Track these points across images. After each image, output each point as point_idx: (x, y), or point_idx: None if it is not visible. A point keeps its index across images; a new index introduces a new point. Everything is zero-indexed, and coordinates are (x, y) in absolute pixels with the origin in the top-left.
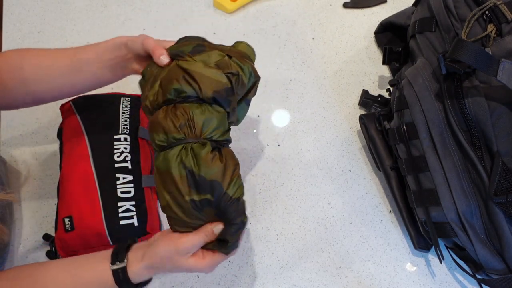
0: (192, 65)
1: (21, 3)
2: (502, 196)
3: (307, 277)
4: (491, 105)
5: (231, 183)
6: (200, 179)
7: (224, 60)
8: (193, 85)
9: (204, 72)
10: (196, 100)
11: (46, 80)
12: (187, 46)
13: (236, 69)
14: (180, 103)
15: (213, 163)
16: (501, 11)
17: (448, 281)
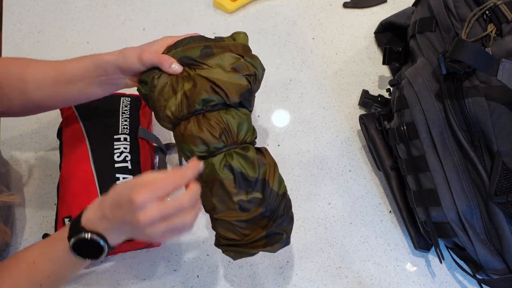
0: (213, 73)
1: (21, 3)
2: (502, 196)
3: (307, 277)
4: (491, 105)
5: (275, 180)
6: (251, 179)
7: (240, 63)
8: (221, 93)
9: (227, 78)
10: (222, 107)
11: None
12: (194, 50)
13: (253, 70)
14: (209, 112)
15: (261, 162)
16: (501, 11)
17: (448, 281)
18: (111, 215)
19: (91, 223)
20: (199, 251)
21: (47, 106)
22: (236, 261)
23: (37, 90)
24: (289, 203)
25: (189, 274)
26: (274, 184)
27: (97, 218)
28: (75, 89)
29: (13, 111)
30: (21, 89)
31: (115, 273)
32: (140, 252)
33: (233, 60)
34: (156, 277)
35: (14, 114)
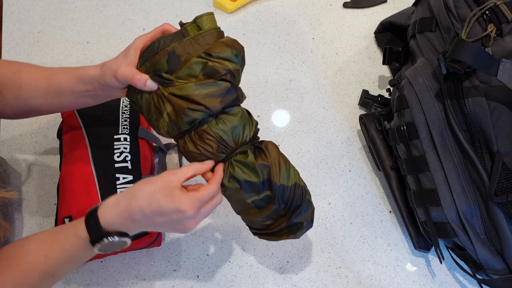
0: (186, 90)
1: (21, 3)
2: (502, 196)
3: (307, 277)
4: (491, 105)
5: (281, 175)
6: (257, 183)
7: (209, 67)
8: (201, 109)
9: (201, 91)
10: (210, 118)
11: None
12: (161, 62)
13: (225, 67)
14: (199, 127)
15: (263, 165)
16: (501, 11)
17: (448, 281)
18: (147, 221)
19: (113, 225)
20: (199, 251)
21: (42, 111)
22: (236, 261)
23: (31, 97)
24: (304, 189)
25: (189, 274)
26: (282, 179)
27: (122, 221)
28: (66, 100)
29: (9, 114)
30: (16, 94)
31: (115, 273)
32: (140, 252)
33: (201, 65)
34: (156, 277)
35: (9, 117)
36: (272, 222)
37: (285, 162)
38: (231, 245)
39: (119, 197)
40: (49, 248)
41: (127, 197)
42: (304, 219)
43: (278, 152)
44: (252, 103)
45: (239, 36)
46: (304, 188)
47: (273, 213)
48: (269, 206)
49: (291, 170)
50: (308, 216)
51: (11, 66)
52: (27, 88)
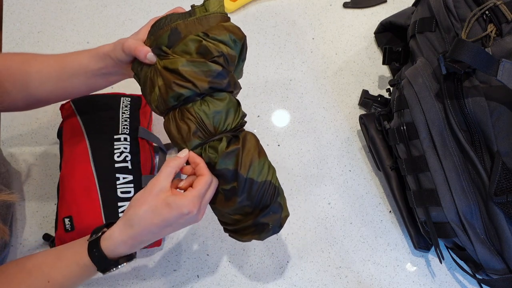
0: (177, 63)
1: (21, 3)
2: (502, 196)
3: (307, 277)
4: (491, 105)
5: (251, 167)
6: (222, 171)
7: (203, 46)
8: (188, 86)
9: (191, 67)
10: (195, 97)
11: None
12: (163, 36)
13: (219, 49)
14: (183, 105)
15: (230, 153)
16: (501, 11)
17: (448, 281)
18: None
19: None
20: (199, 251)
21: (51, 99)
22: (236, 261)
23: (41, 84)
24: (277, 190)
25: (189, 274)
26: (251, 173)
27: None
28: (78, 82)
29: (16, 106)
30: (24, 84)
31: (115, 273)
32: (140, 252)
33: (196, 44)
34: (156, 277)
35: (16, 109)
36: (240, 218)
37: (260, 157)
38: (231, 245)
39: (119, 228)
40: (51, 273)
41: (126, 225)
42: (270, 221)
43: (256, 144)
44: (252, 103)
45: None
46: (277, 189)
47: (239, 208)
48: (234, 198)
49: (265, 166)
50: (276, 219)
51: (18, 56)
52: (37, 76)
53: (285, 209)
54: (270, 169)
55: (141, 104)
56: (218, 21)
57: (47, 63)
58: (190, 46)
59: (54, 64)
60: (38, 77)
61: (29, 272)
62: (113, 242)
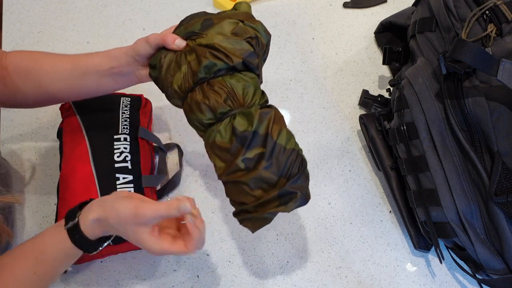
0: (212, 39)
1: (21, 3)
2: (502, 196)
3: (307, 277)
4: (491, 105)
5: (280, 134)
6: (251, 135)
7: (239, 27)
8: (222, 57)
9: (226, 43)
10: (226, 72)
11: (47, 83)
12: (195, 24)
13: (254, 32)
14: (213, 79)
15: (264, 115)
16: (501, 11)
17: (448, 281)
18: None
19: (91, 231)
20: (199, 251)
21: (62, 98)
22: (236, 261)
23: (53, 82)
24: (303, 161)
25: (189, 274)
26: (280, 138)
27: (95, 221)
28: (89, 81)
29: (27, 103)
30: (36, 82)
31: (115, 273)
32: (140, 252)
33: (232, 25)
34: (156, 277)
35: (28, 105)
36: (261, 194)
37: (286, 128)
38: (231, 245)
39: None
40: (36, 265)
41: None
42: (299, 190)
43: (281, 117)
44: None
45: None
46: (303, 159)
47: (262, 178)
48: (259, 165)
49: (292, 137)
50: (304, 189)
51: (31, 54)
52: (49, 74)
53: (308, 181)
54: (296, 142)
55: (141, 104)
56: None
57: (59, 61)
58: (226, 28)
59: (66, 62)
60: (50, 75)
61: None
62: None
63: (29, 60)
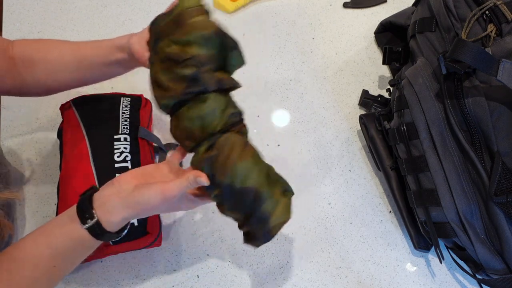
0: (155, 71)
1: (21, 3)
2: (502, 196)
3: (307, 277)
4: (491, 105)
5: (230, 172)
6: (210, 177)
7: (169, 53)
8: (167, 95)
9: (165, 76)
10: (182, 103)
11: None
12: (151, 40)
13: (186, 53)
14: (176, 112)
15: (207, 160)
16: (501, 11)
17: (448, 281)
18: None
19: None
20: (199, 251)
21: (68, 86)
22: (236, 261)
23: (58, 72)
24: (261, 197)
25: (189, 274)
26: (229, 179)
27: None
28: (95, 72)
29: (33, 92)
30: (41, 71)
31: (115, 273)
32: (140, 252)
33: (165, 50)
34: (156, 277)
35: (34, 94)
36: (240, 224)
37: (242, 159)
38: (231, 245)
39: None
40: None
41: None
42: (254, 231)
43: (238, 147)
44: (252, 103)
45: (239, 36)
46: (261, 195)
47: (230, 215)
48: (222, 205)
49: (247, 170)
50: (260, 228)
51: (36, 43)
52: (54, 64)
53: (278, 215)
54: (254, 172)
55: (141, 104)
56: (193, 17)
57: (64, 53)
58: (161, 53)
59: (71, 55)
60: (55, 65)
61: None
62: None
63: (33, 49)
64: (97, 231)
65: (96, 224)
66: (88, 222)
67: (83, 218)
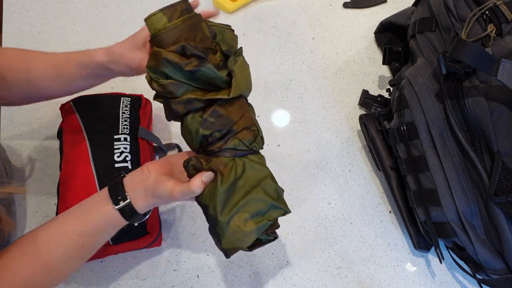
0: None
1: (21, 3)
2: (502, 196)
3: (307, 277)
4: (491, 105)
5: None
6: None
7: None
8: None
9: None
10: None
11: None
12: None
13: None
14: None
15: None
16: (501, 11)
17: (448, 281)
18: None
19: (145, 209)
20: (199, 251)
21: (53, 96)
22: (236, 261)
23: (41, 82)
24: (214, 221)
25: (189, 274)
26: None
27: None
28: (75, 84)
29: (19, 101)
30: (25, 80)
31: (115, 273)
32: (140, 252)
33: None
34: (156, 277)
35: (19, 103)
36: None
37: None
38: None
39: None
40: (84, 239)
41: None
42: (218, 244)
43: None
44: (252, 103)
45: (239, 36)
46: (213, 218)
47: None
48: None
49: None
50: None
51: (20, 53)
52: (37, 74)
53: (228, 243)
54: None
55: (141, 104)
56: (159, 44)
57: (45, 66)
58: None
59: (52, 68)
60: (38, 75)
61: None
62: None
63: (18, 58)
64: (128, 212)
65: (127, 205)
66: (120, 203)
67: (115, 200)
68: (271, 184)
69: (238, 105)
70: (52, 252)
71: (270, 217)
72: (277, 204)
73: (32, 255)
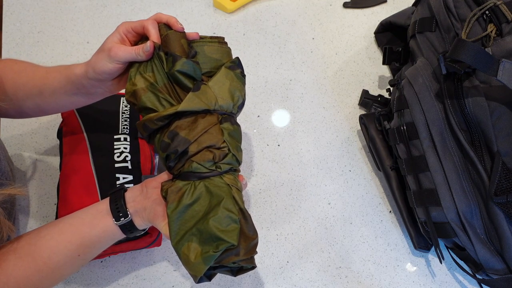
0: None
1: (21, 3)
2: (502, 196)
3: (307, 277)
4: (491, 105)
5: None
6: None
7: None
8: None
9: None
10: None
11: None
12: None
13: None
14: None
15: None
16: (501, 11)
17: (448, 281)
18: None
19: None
20: None
21: (38, 113)
22: None
23: (27, 97)
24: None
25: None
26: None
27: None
28: (60, 100)
29: (8, 114)
30: (13, 94)
31: (115, 273)
32: (140, 252)
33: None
34: (156, 277)
35: (8, 116)
36: None
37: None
38: None
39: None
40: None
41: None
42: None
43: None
44: (252, 103)
45: (239, 36)
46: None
47: None
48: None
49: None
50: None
51: (15, 66)
52: (23, 89)
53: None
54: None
55: None
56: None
57: (32, 78)
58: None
59: (37, 80)
60: (24, 90)
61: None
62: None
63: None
64: (128, 227)
65: (129, 222)
66: (121, 220)
67: (116, 216)
68: (222, 211)
69: (204, 122)
70: (48, 260)
71: (216, 249)
72: (221, 236)
73: (26, 260)
